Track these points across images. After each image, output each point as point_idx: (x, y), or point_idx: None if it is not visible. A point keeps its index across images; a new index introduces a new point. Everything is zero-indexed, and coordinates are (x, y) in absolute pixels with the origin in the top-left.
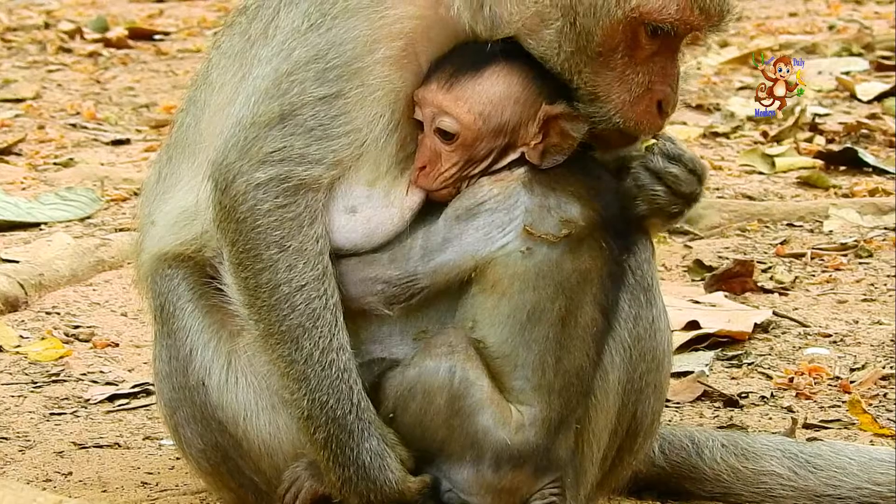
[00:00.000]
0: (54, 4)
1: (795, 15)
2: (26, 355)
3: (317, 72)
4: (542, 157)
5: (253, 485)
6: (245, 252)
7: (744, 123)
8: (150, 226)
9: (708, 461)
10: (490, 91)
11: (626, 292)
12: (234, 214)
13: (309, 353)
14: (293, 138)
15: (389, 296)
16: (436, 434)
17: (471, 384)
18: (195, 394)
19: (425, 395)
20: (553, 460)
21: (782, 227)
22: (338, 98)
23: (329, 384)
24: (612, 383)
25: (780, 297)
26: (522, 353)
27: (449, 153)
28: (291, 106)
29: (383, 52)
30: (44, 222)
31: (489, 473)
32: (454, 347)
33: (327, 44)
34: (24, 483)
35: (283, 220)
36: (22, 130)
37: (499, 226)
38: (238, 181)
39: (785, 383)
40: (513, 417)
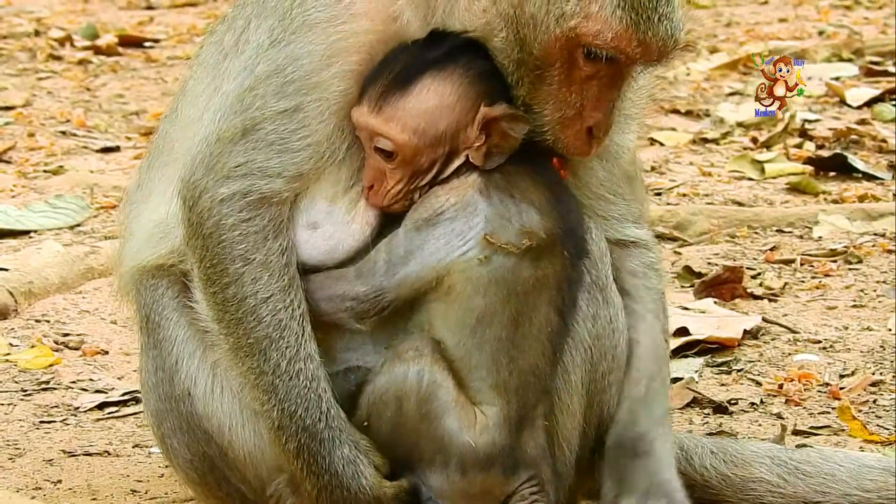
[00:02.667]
0: (44, 12)
1: (785, 21)
2: (16, 363)
3: (276, 86)
4: (485, 159)
5: (240, 494)
6: (212, 267)
7: (733, 129)
8: (129, 236)
9: (697, 468)
10: (421, 105)
11: (584, 291)
12: (201, 230)
13: (276, 363)
14: (255, 153)
15: (359, 311)
16: (408, 439)
17: (438, 386)
18: (181, 404)
19: (396, 400)
20: (521, 459)
21: (772, 233)
22: (297, 112)
23: (297, 394)
24: (574, 384)
25: (769, 304)
26: (475, 354)
27: (392, 171)
28: (253, 121)
29: (340, 66)
30: (33, 230)
31: (457, 478)
32: (421, 351)
33: (286, 58)
34: (13, 492)
35: (248, 234)
36: (12, 138)
37: (458, 234)
38: (203, 198)
39: (774, 390)
40: (477, 420)
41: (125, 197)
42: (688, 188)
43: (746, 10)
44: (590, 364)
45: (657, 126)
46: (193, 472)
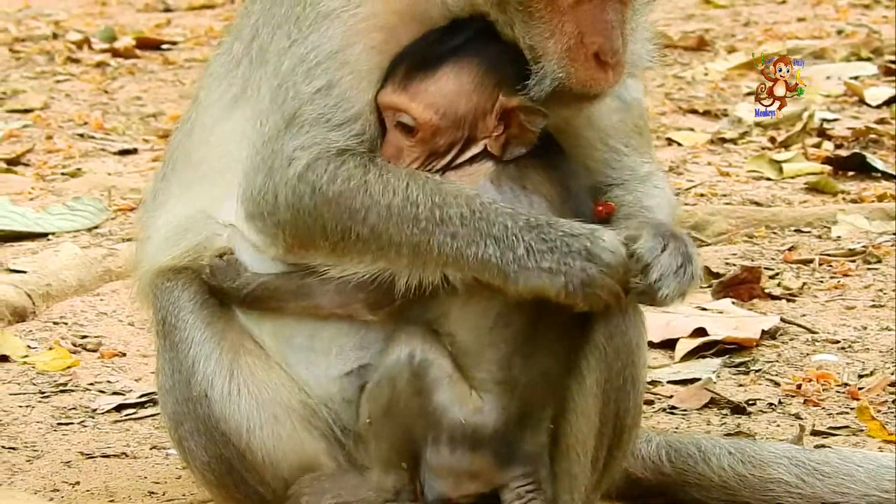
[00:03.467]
0: (62, 15)
1: (804, 20)
2: (34, 365)
3: (303, 72)
4: (503, 149)
5: (258, 496)
6: (342, 223)
7: (751, 129)
8: (146, 241)
9: (715, 469)
10: (443, 87)
11: None
12: (306, 213)
13: (460, 216)
14: (308, 132)
15: (372, 302)
16: (403, 420)
17: (429, 363)
18: (198, 406)
19: (391, 384)
20: (518, 453)
21: (790, 233)
22: (331, 88)
23: (495, 216)
24: (589, 386)
25: (787, 304)
26: (489, 351)
27: (410, 147)
28: (292, 109)
29: (364, 44)
30: (51, 232)
31: (447, 454)
32: (411, 334)
33: (307, 49)
34: (31, 493)
35: (350, 172)
36: (30, 141)
37: None
38: (281, 191)
39: (793, 390)
40: (471, 399)
41: (141, 206)
42: (706, 188)
43: (765, 10)
44: (604, 365)
45: (675, 126)
46: (211, 474)
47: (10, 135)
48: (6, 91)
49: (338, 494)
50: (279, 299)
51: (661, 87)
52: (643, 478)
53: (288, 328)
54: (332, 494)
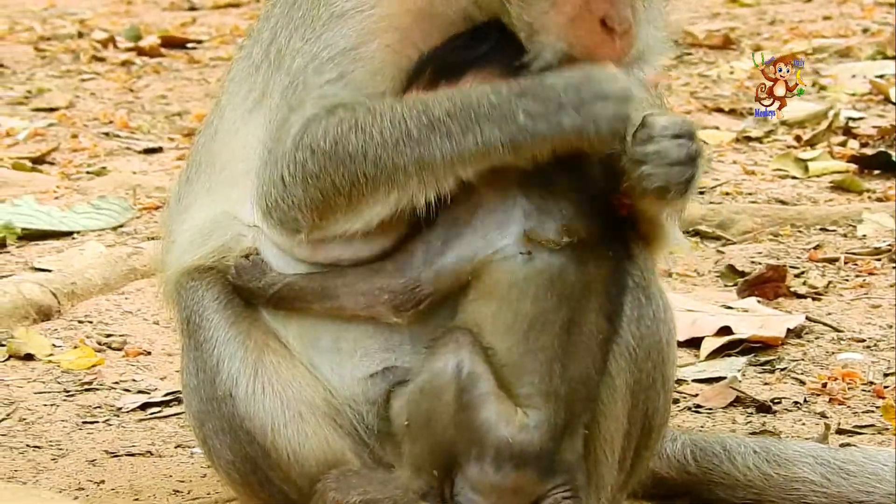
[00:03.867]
0: (87, 14)
1: (829, 18)
2: (59, 364)
3: (314, 68)
4: None
5: (283, 494)
6: (345, 169)
7: (777, 128)
8: (172, 244)
9: (740, 467)
10: None
11: (627, 295)
12: (311, 177)
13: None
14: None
15: (397, 304)
16: (445, 432)
17: (478, 377)
18: (223, 405)
19: (435, 394)
20: (558, 464)
21: (815, 231)
22: (341, 78)
23: (477, 99)
24: (619, 388)
25: (813, 302)
26: (529, 360)
27: None
28: (299, 99)
29: (379, 42)
30: (76, 231)
31: (490, 472)
32: (461, 343)
33: (320, 47)
34: (55, 492)
35: (340, 118)
36: (55, 139)
37: (497, 226)
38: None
39: (818, 389)
40: (517, 417)
41: (166, 209)
42: (731, 187)
43: (790, 8)
44: (634, 366)
45: (700, 125)
46: (236, 473)
47: (35, 133)
48: (31, 90)
49: (365, 490)
50: (304, 300)
51: (686, 86)
52: (668, 477)
53: (313, 329)
54: (360, 490)
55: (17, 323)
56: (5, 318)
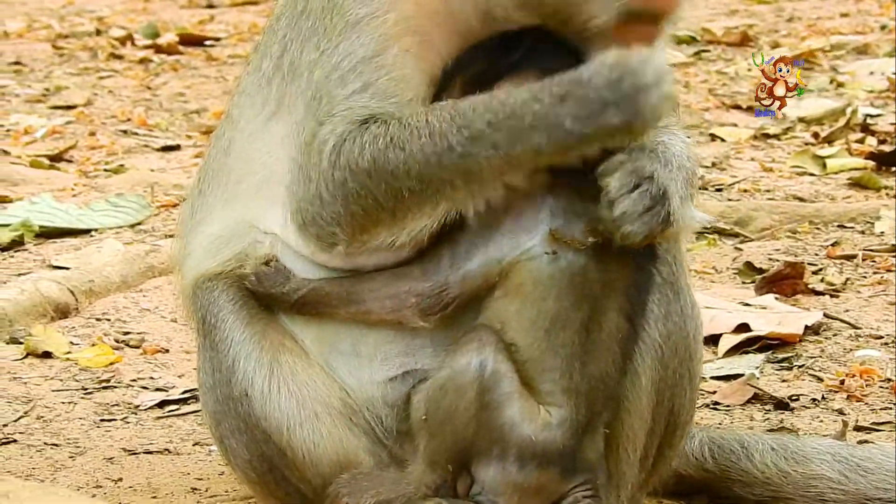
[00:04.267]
0: (105, 11)
1: (847, 15)
2: (77, 362)
3: (337, 79)
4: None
5: (299, 493)
6: (386, 186)
7: (795, 125)
8: (187, 257)
9: (758, 464)
10: None
11: (655, 292)
12: (350, 195)
13: (487, 123)
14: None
15: (424, 307)
16: (465, 430)
17: (501, 376)
18: (239, 405)
19: (456, 391)
20: (580, 463)
21: (833, 228)
22: (367, 88)
23: (520, 106)
24: (644, 385)
25: (831, 299)
26: (550, 357)
27: None
28: (326, 113)
29: (399, 48)
30: (94, 229)
31: (514, 471)
32: (485, 342)
33: (339, 57)
34: (73, 490)
35: (374, 134)
36: (73, 137)
37: (524, 228)
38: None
39: (836, 386)
40: (540, 415)
41: (179, 226)
42: (749, 184)
43: (808, 5)
44: (660, 364)
45: (718, 122)
46: (252, 472)
47: (53, 131)
48: (50, 87)
49: (377, 492)
50: (329, 304)
51: (704, 83)
52: (686, 474)
53: (333, 333)
54: (372, 492)
55: (34, 320)
56: (23, 315)
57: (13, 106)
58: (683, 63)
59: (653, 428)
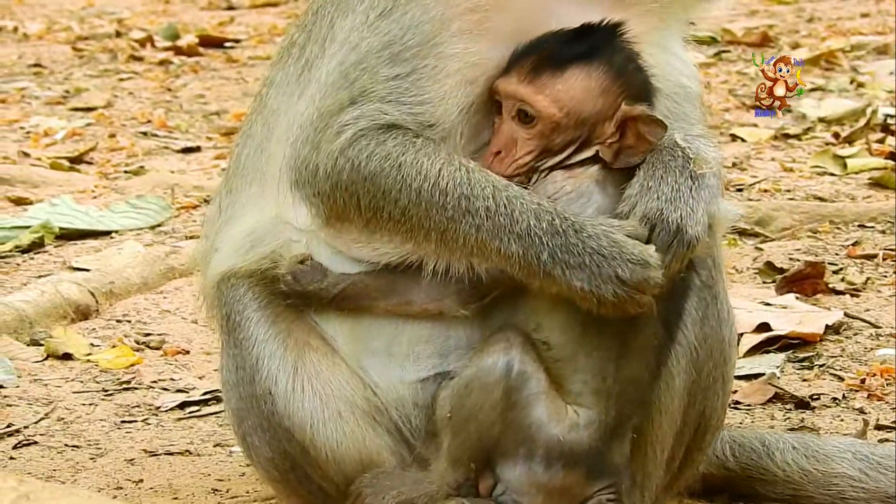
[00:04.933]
0: (125, 13)
1: (867, 16)
2: (97, 363)
3: (390, 55)
4: (615, 157)
5: (322, 492)
6: (373, 200)
7: (815, 125)
8: (214, 253)
9: (779, 463)
10: (571, 87)
11: (693, 296)
12: (341, 186)
13: (485, 209)
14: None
15: (464, 296)
16: (491, 429)
17: (528, 377)
18: (262, 403)
19: (482, 390)
20: (607, 466)
21: (854, 228)
22: (410, 75)
23: (519, 213)
24: (677, 387)
25: (851, 299)
26: (583, 358)
27: (526, 140)
28: (362, 89)
29: (458, 26)
30: (115, 230)
31: (540, 471)
32: (512, 342)
33: (402, 28)
34: (94, 491)
35: (388, 152)
36: (93, 139)
37: None
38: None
39: (856, 385)
40: (567, 415)
41: (205, 225)
42: (769, 184)
43: (828, 6)
44: (694, 367)
45: (739, 122)
46: (275, 470)
47: (73, 133)
48: (70, 89)
49: (399, 492)
50: (370, 297)
51: (724, 84)
52: (707, 473)
53: (366, 331)
54: (394, 492)
55: (55, 322)
56: (44, 317)
57: (33, 108)
58: (704, 63)
59: (682, 430)
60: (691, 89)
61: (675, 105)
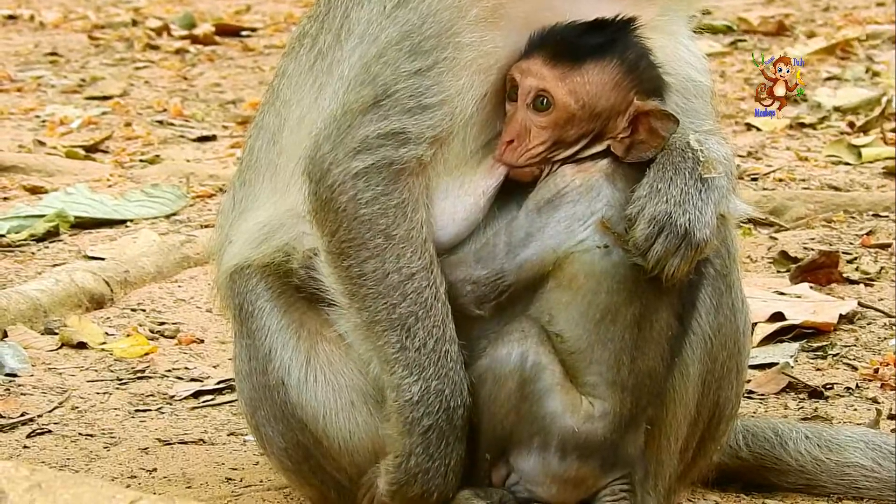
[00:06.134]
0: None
1: (883, 4)
2: (112, 352)
3: (411, 46)
4: (627, 152)
5: (335, 481)
6: (348, 242)
7: (830, 114)
8: (228, 245)
9: (792, 453)
10: (588, 79)
11: (707, 285)
12: (333, 205)
13: (423, 341)
14: (388, 120)
15: (479, 295)
16: (505, 420)
17: (542, 368)
18: (275, 393)
19: (496, 381)
20: (621, 457)
21: (868, 217)
22: (432, 68)
23: (444, 373)
24: (692, 376)
25: (865, 288)
26: (598, 350)
27: (539, 130)
28: (385, 87)
29: (475, 14)
30: (130, 219)
31: (555, 461)
32: (527, 334)
33: (420, 17)
34: (107, 480)
35: (388, 208)
36: (109, 128)
37: (579, 218)
38: (334, 171)
39: (870, 374)
40: (582, 406)
41: (219, 218)
42: (784, 173)
43: None
44: (708, 356)
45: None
46: (288, 460)
47: (88, 122)
48: (85, 78)
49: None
50: None
51: (740, 73)
52: (720, 462)
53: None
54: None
55: (69, 311)
56: (58, 306)
57: (49, 97)
58: (720, 53)
59: (696, 420)
60: (702, 84)
61: (686, 101)
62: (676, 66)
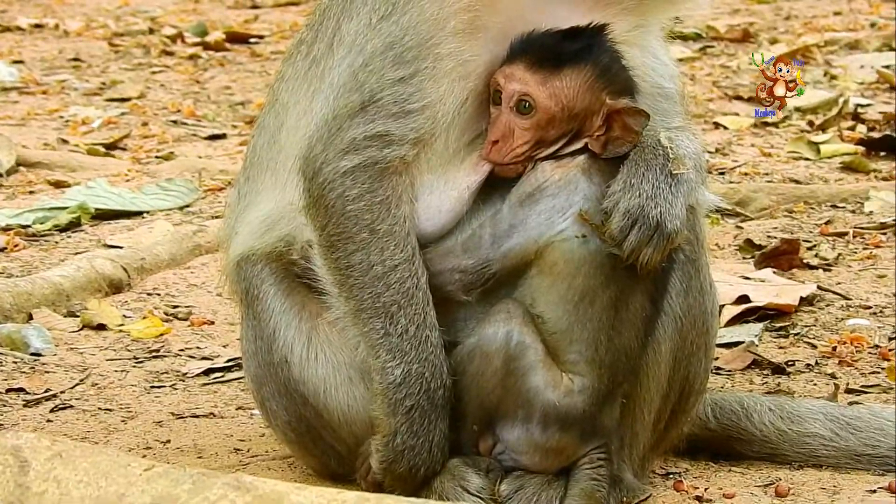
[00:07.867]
0: (158, 11)
1: (840, 13)
2: (129, 333)
3: (394, 56)
4: (604, 148)
5: (335, 452)
6: (336, 235)
7: (792, 114)
8: (234, 235)
9: (756, 424)
10: (566, 84)
11: (678, 270)
12: (324, 202)
13: (404, 328)
14: (374, 123)
15: (466, 283)
16: (491, 394)
17: (526, 347)
18: (279, 370)
19: (483, 358)
20: (598, 428)
21: (826, 208)
22: (413, 77)
23: (425, 357)
24: (664, 353)
25: (824, 273)
26: (578, 330)
27: (523, 131)
28: (371, 94)
29: (453, 26)
30: (146, 211)
31: (538, 432)
32: (512, 315)
33: (402, 29)
34: (124, 451)
35: (373, 205)
36: (127, 127)
37: (559, 210)
38: (325, 170)
39: (828, 352)
40: (563, 382)
41: (226, 211)
42: (749, 168)
43: (804, 4)
44: (679, 335)
45: (721, 111)
46: (291, 432)
47: (108, 122)
48: (106, 82)
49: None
50: None
51: (708, 76)
52: (691, 433)
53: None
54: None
55: (90, 295)
56: (80, 291)
57: (72, 99)
58: (690, 58)
59: (668, 393)
60: (669, 89)
61: (655, 102)
62: (646, 73)
